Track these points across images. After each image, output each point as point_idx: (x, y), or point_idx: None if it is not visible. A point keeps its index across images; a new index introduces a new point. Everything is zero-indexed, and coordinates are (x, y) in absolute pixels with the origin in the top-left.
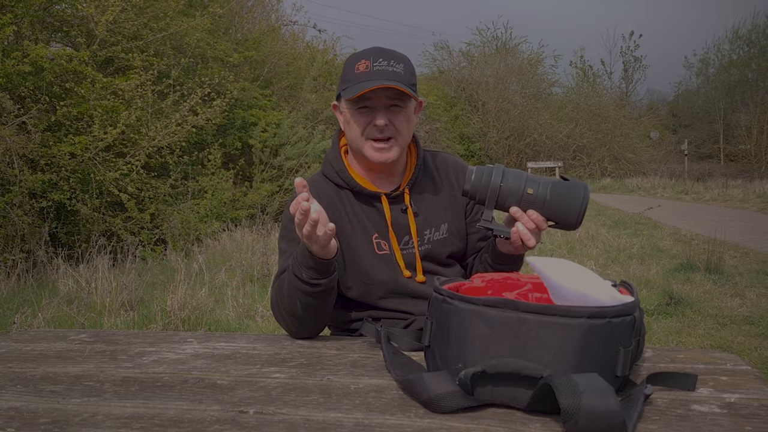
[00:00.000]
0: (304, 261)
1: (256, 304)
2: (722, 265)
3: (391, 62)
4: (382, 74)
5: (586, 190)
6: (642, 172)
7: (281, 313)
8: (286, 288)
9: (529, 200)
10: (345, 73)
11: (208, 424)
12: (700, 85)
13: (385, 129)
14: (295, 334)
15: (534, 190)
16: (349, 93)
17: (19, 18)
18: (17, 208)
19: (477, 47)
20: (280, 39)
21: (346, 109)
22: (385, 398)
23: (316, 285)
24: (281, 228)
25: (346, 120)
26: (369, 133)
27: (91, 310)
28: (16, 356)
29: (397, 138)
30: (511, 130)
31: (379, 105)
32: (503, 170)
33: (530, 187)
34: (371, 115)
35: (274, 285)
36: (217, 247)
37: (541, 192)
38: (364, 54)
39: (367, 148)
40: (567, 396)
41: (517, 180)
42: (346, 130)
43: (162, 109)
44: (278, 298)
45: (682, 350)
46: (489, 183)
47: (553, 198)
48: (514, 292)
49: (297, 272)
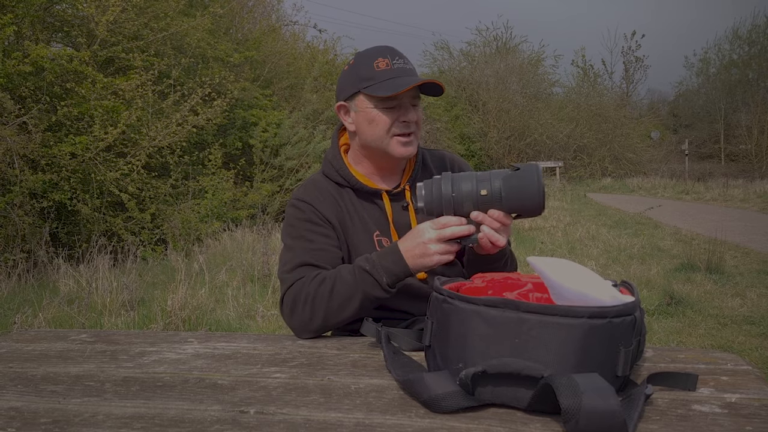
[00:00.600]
0: (391, 268)
1: (257, 304)
2: (723, 265)
3: (406, 60)
4: (406, 71)
5: (538, 171)
6: (643, 172)
7: (317, 309)
8: (345, 288)
9: (486, 201)
10: (362, 72)
11: (208, 424)
12: (701, 85)
13: (412, 124)
14: (313, 332)
15: (487, 189)
16: (381, 90)
17: (19, 18)
18: (18, 208)
19: (477, 47)
20: (280, 39)
21: (368, 108)
22: (386, 398)
23: (390, 292)
24: (285, 225)
25: (368, 118)
26: (395, 129)
27: (91, 310)
28: (16, 356)
29: (417, 133)
30: (512, 130)
31: (406, 102)
32: (451, 178)
33: (483, 188)
34: (399, 112)
35: (308, 281)
36: (217, 247)
37: (495, 189)
38: (380, 52)
39: (393, 144)
40: (568, 396)
41: (469, 183)
42: (364, 129)
43: (162, 109)
44: (318, 295)
45: (682, 350)
46: (441, 195)
47: (508, 192)
48: (515, 292)
49: (377, 275)
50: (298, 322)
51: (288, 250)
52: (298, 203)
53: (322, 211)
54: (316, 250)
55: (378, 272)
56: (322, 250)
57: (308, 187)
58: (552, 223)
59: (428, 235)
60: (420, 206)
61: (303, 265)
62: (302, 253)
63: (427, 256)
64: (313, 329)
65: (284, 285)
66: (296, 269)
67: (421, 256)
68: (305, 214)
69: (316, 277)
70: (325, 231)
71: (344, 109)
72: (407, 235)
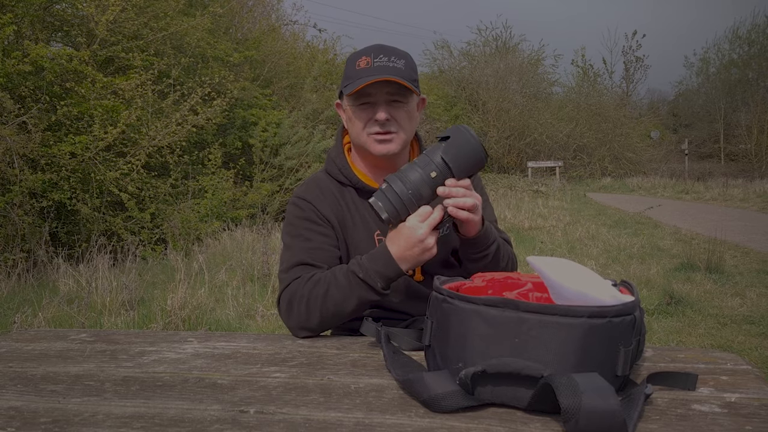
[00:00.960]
0: (384, 272)
1: (257, 303)
2: (723, 264)
3: (392, 58)
4: (382, 69)
5: (467, 129)
6: (642, 171)
7: (313, 310)
8: (339, 292)
9: (439, 179)
10: (347, 71)
11: (208, 424)
12: (701, 85)
13: (386, 123)
14: (311, 332)
15: (435, 171)
16: (349, 89)
17: (19, 18)
18: (18, 207)
19: (477, 47)
20: (280, 38)
21: (348, 106)
22: (386, 398)
23: (385, 294)
24: (285, 224)
25: (348, 116)
26: (370, 128)
27: (91, 310)
28: (16, 356)
29: (399, 132)
30: (512, 130)
31: (380, 100)
32: (398, 176)
33: (431, 170)
34: (372, 111)
35: (303, 282)
36: (217, 246)
37: (440, 164)
38: (365, 51)
39: (369, 142)
40: (567, 395)
41: (416, 173)
42: (348, 127)
43: (162, 109)
44: (312, 297)
45: (682, 350)
46: (398, 197)
47: (454, 161)
48: (515, 292)
49: (371, 281)
50: (295, 323)
51: (286, 249)
52: (299, 201)
53: (321, 210)
54: (314, 249)
55: (371, 278)
56: (320, 249)
57: (310, 186)
58: (552, 222)
59: (421, 230)
60: (385, 218)
61: (299, 265)
62: (299, 253)
63: (427, 250)
64: (310, 329)
65: (281, 285)
66: (293, 269)
67: (422, 253)
68: (304, 212)
69: (311, 278)
70: (323, 230)
71: (340, 108)
72: (395, 237)
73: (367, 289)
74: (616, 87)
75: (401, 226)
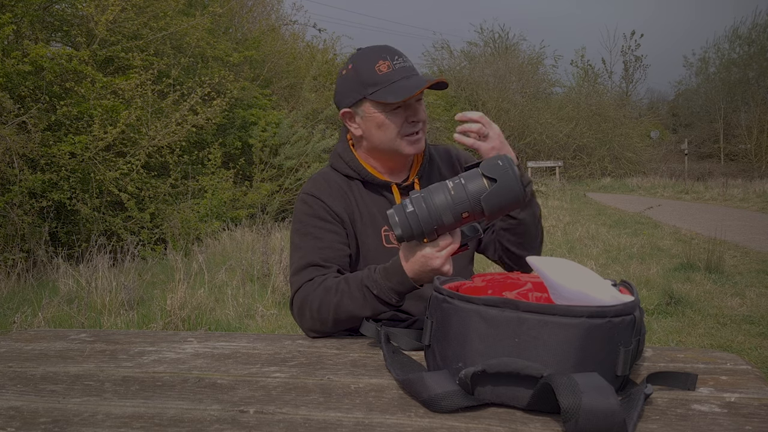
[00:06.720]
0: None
1: (256, 303)
2: (722, 264)
3: (405, 58)
4: (407, 70)
5: (514, 174)
6: (642, 171)
7: (325, 317)
8: (353, 303)
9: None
10: (364, 77)
11: (208, 424)
12: (700, 85)
13: (420, 122)
14: (324, 334)
15: (468, 212)
16: (390, 96)
17: (18, 17)
18: (17, 207)
19: (477, 47)
20: (280, 38)
21: (376, 113)
22: (386, 398)
23: (399, 305)
24: (294, 221)
25: (377, 123)
26: (405, 129)
27: (91, 310)
28: (16, 356)
29: (424, 128)
30: (512, 130)
31: (413, 102)
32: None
33: (463, 210)
34: (406, 113)
35: (315, 287)
36: (217, 246)
37: (475, 207)
38: (378, 54)
39: (404, 145)
40: (567, 395)
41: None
42: (373, 133)
43: (162, 109)
44: (324, 304)
45: (682, 350)
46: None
47: (491, 208)
48: (515, 292)
49: (386, 297)
50: (308, 327)
51: (296, 249)
52: (308, 198)
53: (331, 205)
54: (324, 248)
55: (386, 294)
56: (330, 248)
57: (318, 181)
58: (552, 222)
59: (438, 261)
60: (398, 234)
61: (310, 266)
62: (309, 253)
63: (442, 273)
64: (324, 332)
65: (293, 287)
66: (304, 270)
67: (436, 275)
68: (314, 209)
69: (323, 284)
70: (333, 227)
71: (349, 116)
72: (410, 255)
73: (381, 303)
74: (616, 87)
75: (417, 250)
